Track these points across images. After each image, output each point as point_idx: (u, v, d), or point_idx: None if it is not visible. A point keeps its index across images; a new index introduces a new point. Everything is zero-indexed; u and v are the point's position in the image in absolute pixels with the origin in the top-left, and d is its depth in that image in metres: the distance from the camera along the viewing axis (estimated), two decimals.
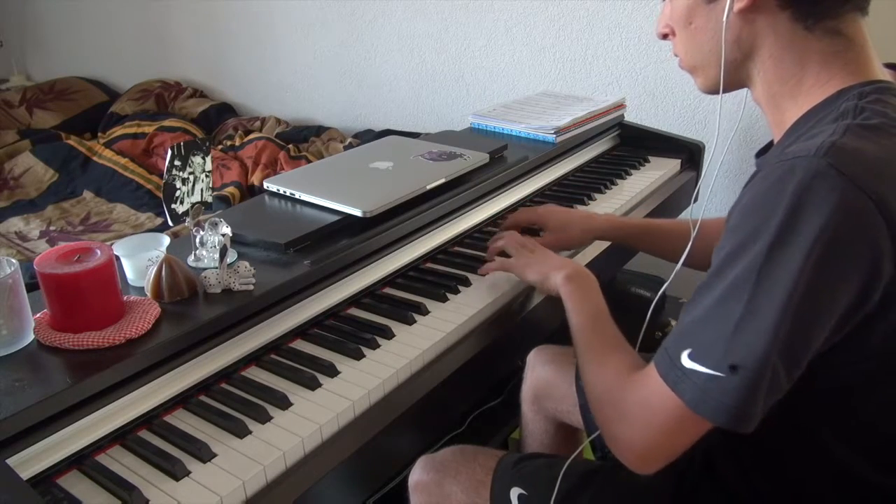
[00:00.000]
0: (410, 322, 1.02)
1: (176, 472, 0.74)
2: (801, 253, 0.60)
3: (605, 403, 0.77)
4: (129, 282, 0.98)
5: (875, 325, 0.65)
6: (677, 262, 0.89)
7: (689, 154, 1.72)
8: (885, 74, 0.74)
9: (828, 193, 0.60)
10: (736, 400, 0.63)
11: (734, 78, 0.79)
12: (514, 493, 0.96)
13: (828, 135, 0.65)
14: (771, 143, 0.83)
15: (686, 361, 0.66)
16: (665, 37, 0.85)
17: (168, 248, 0.97)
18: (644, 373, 0.73)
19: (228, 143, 2.64)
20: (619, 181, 1.58)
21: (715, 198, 1.99)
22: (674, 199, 1.60)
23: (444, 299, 1.07)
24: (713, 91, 0.82)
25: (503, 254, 1.14)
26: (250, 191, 2.36)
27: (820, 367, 0.68)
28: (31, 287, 0.85)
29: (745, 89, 0.82)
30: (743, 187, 0.71)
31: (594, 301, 0.92)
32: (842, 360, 0.68)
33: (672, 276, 0.92)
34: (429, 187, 1.22)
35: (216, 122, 2.95)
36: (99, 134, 3.01)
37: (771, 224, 0.62)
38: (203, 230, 0.99)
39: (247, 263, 0.96)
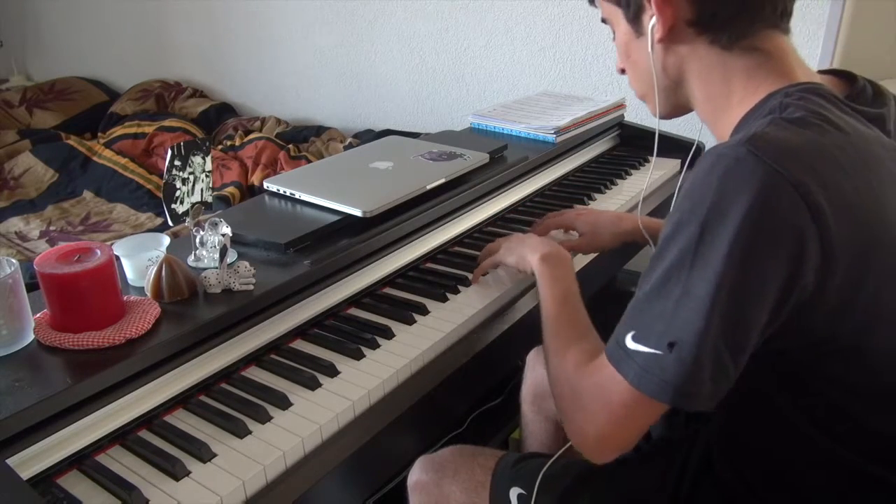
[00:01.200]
0: (410, 322, 1.02)
1: (176, 472, 0.74)
2: (729, 234, 0.63)
3: (563, 393, 0.79)
4: (129, 282, 0.98)
5: (813, 310, 0.66)
6: None
7: (689, 154, 1.72)
8: (812, 79, 0.76)
9: (749, 177, 0.63)
10: (675, 376, 0.65)
11: (676, 103, 0.85)
12: (514, 492, 0.96)
13: (754, 128, 0.68)
14: None
15: (630, 343, 0.68)
16: (623, 72, 0.89)
17: (168, 248, 0.97)
18: (598, 360, 0.75)
19: (228, 143, 2.64)
20: (619, 181, 1.58)
21: None
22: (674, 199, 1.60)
23: (444, 299, 1.07)
24: (665, 117, 0.87)
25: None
26: (250, 191, 2.36)
27: (783, 357, 0.70)
28: (31, 287, 0.85)
29: None
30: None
31: (565, 282, 0.95)
32: (797, 345, 0.70)
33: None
34: (429, 187, 1.22)
35: (216, 122, 2.95)
36: (99, 134, 3.01)
37: (701, 208, 0.65)
38: (203, 230, 0.99)
39: (247, 263, 0.96)
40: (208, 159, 1.01)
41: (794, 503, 0.79)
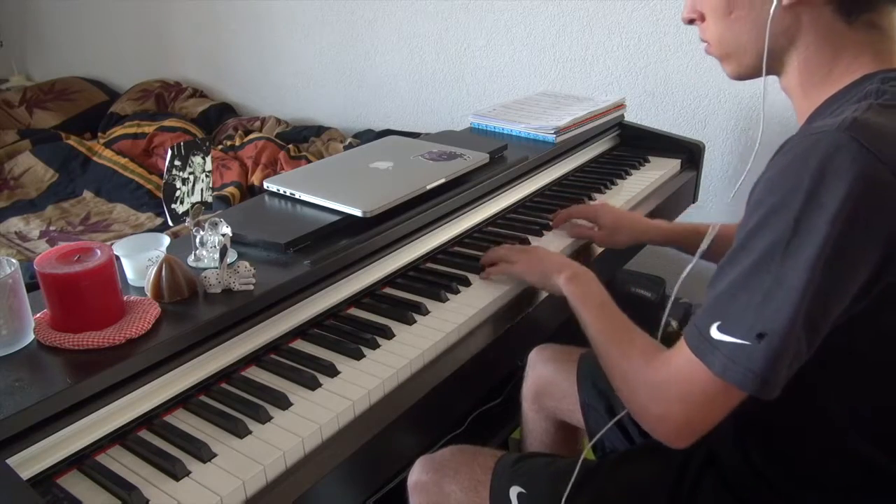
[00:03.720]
0: (410, 322, 1.02)
1: (176, 472, 0.74)
2: (826, 223, 0.62)
3: (636, 386, 0.79)
4: (129, 282, 0.98)
5: (891, 299, 0.66)
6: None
7: (689, 154, 1.72)
8: None
9: (850, 165, 0.62)
10: (762, 367, 0.65)
11: (768, 67, 0.80)
12: (514, 491, 0.96)
13: (850, 112, 0.67)
14: None
15: (715, 334, 0.68)
16: (691, 21, 0.85)
17: (168, 248, 0.97)
18: (673, 350, 0.75)
19: (228, 143, 2.64)
20: (619, 181, 1.58)
21: (714, 197, 1.99)
22: (674, 199, 1.60)
23: (444, 299, 1.07)
24: (743, 78, 0.83)
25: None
26: (250, 191, 2.36)
27: (838, 344, 0.70)
28: (31, 287, 0.85)
29: (746, 82, 0.83)
30: (767, 164, 0.72)
31: (597, 295, 0.96)
32: (864, 336, 0.70)
33: (682, 277, 0.92)
34: (429, 187, 1.22)
35: (216, 122, 2.95)
36: (99, 134, 3.01)
37: (796, 196, 0.64)
38: (203, 230, 0.99)
39: (247, 263, 0.96)
40: (208, 159, 1.01)
41: (798, 483, 0.79)
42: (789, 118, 0.83)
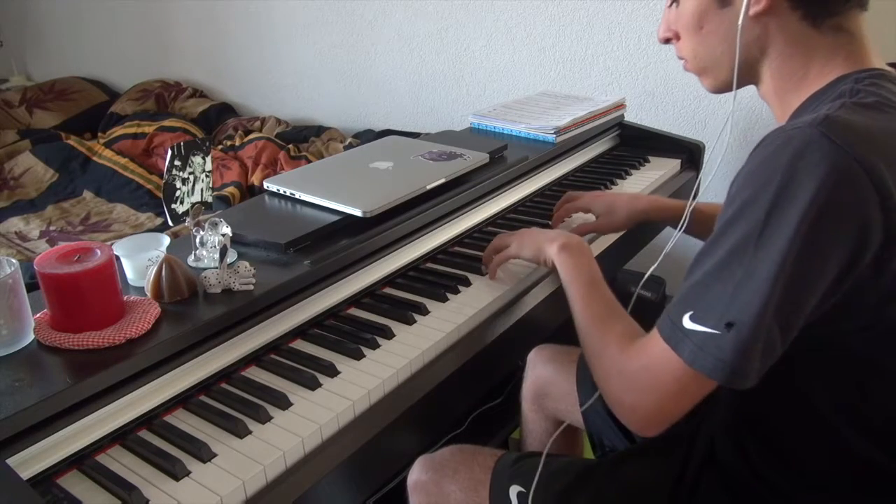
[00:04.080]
0: (410, 322, 1.02)
1: (176, 472, 0.74)
2: (796, 216, 0.63)
3: (610, 373, 0.80)
4: (129, 282, 0.98)
5: (867, 293, 0.67)
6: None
7: (689, 154, 1.72)
8: (882, 64, 0.77)
9: (820, 160, 0.63)
10: (731, 356, 0.66)
11: (744, 77, 0.82)
12: (514, 491, 0.96)
13: (825, 109, 0.68)
14: None
15: (687, 323, 0.69)
16: (668, 41, 0.87)
17: (168, 248, 0.97)
18: (647, 339, 0.76)
19: (228, 143, 2.64)
20: (619, 181, 1.58)
21: (714, 197, 1.99)
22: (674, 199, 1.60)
23: (444, 299, 1.07)
24: (722, 91, 0.85)
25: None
26: (250, 191, 2.36)
27: (818, 341, 0.71)
28: (31, 287, 0.85)
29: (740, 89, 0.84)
30: (746, 159, 0.73)
31: (588, 268, 0.96)
32: (842, 329, 0.70)
33: (661, 256, 0.93)
34: (429, 187, 1.22)
35: (216, 122, 2.95)
36: (99, 134, 3.01)
37: (768, 190, 0.65)
38: (203, 230, 0.99)
39: (247, 263, 0.96)
40: (208, 159, 1.01)
41: (796, 482, 0.79)
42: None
